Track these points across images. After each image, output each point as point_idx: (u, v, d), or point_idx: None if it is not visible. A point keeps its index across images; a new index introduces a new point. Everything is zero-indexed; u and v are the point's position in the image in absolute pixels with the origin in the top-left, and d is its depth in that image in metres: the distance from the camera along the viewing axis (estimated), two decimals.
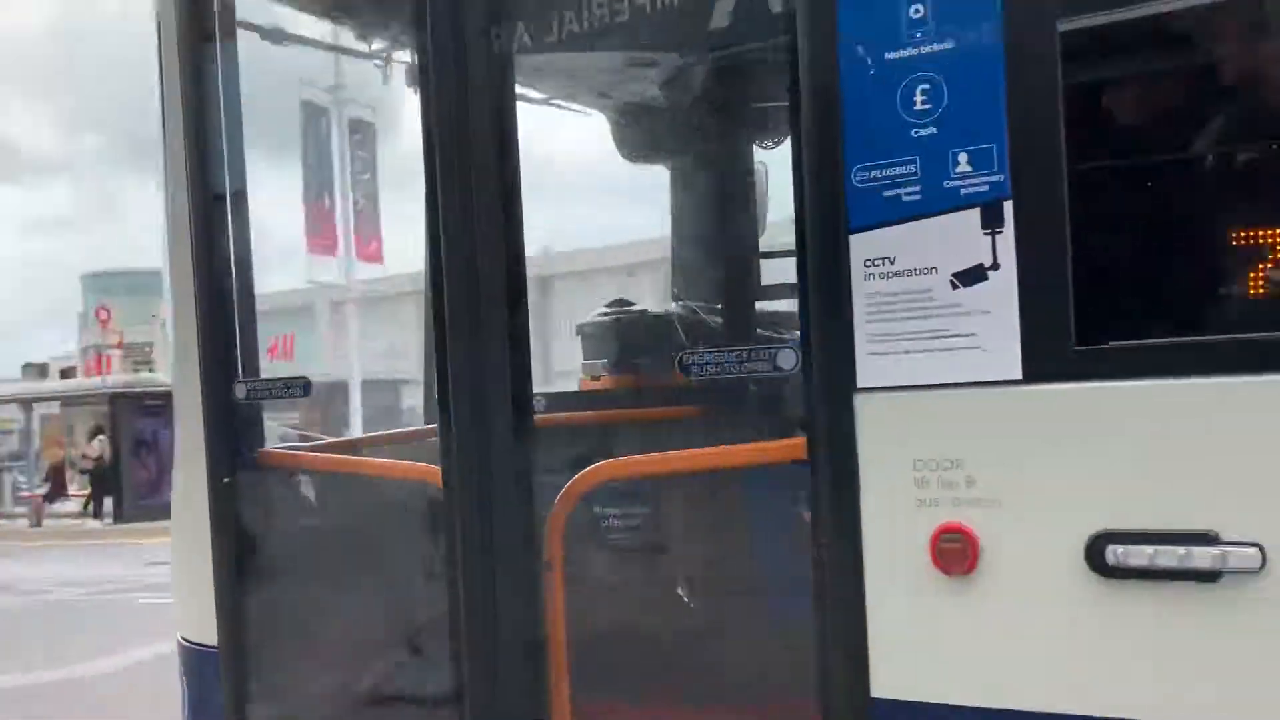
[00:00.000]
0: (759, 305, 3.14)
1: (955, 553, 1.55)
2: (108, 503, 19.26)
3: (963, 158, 1.54)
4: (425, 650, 2.19)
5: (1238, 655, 1.41)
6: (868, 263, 1.61)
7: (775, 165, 3.16)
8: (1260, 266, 1.50)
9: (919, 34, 1.56)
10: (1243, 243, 1.52)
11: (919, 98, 1.56)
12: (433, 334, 2.02)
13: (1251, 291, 1.51)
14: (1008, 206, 1.51)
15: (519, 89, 2.42)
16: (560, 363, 3.88)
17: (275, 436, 2.75)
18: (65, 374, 32.95)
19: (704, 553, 2.20)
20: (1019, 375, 1.51)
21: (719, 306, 3.14)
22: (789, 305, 2.61)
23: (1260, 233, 1.50)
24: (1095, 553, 1.46)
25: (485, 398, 1.98)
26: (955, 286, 1.55)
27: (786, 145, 1.94)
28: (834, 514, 1.65)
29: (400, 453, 2.78)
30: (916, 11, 1.56)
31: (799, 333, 1.71)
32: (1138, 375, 1.47)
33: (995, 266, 1.52)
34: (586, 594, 2.05)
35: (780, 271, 2.99)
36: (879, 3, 1.58)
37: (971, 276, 1.54)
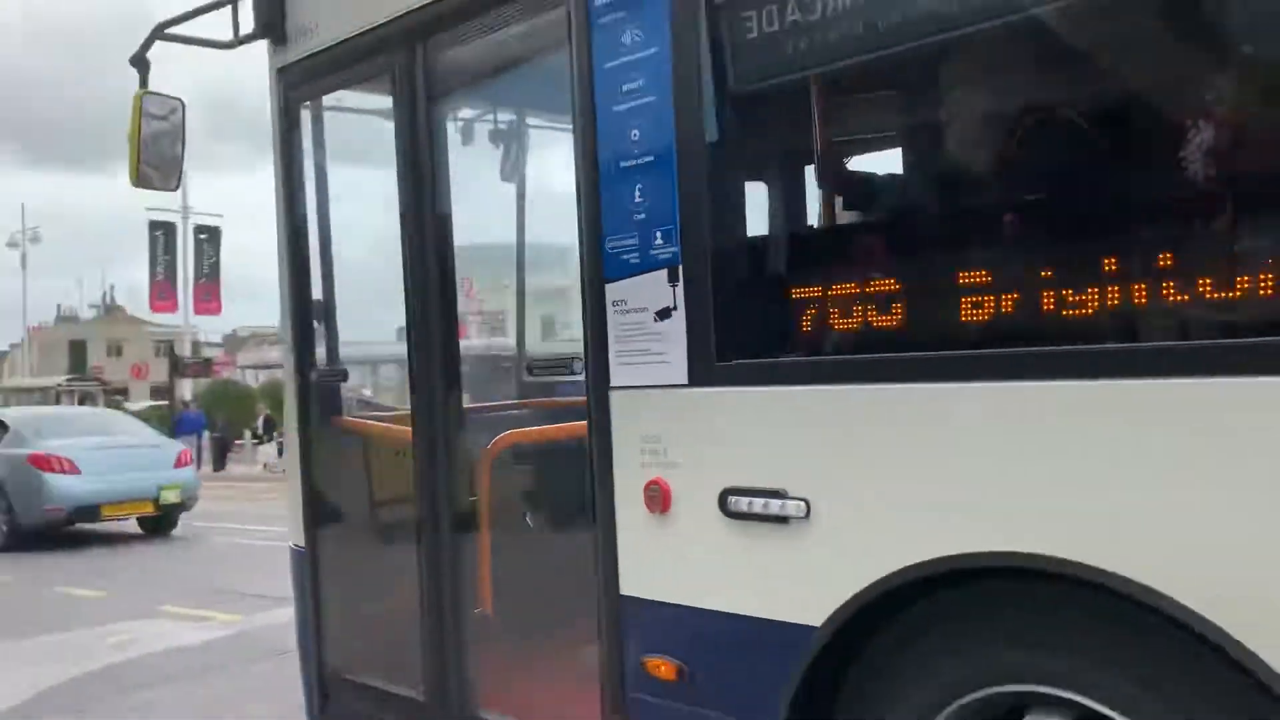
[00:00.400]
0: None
1: (656, 498, 2.34)
2: None
3: (658, 235, 2.32)
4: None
5: (801, 572, 2.11)
6: (614, 303, 2.42)
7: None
8: (809, 314, 2.18)
9: (637, 154, 2.35)
10: (803, 296, 2.21)
11: (637, 195, 2.36)
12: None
13: (807, 329, 2.19)
14: (680, 269, 2.28)
15: None
16: None
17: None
18: None
19: (544, 495, 3.09)
20: (685, 381, 2.28)
21: None
22: None
23: (817, 290, 2.18)
24: (723, 501, 2.22)
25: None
26: (656, 320, 2.34)
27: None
28: (600, 472, 2.48)
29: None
30: (634, 135, 2.35)
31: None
32: (751, 383, 2.20)
33: (675, 308, 2.30)
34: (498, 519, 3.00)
35: None
36: (618, 130, 2.38)
37: (664, 314, 2.32)
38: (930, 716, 1.98)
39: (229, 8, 3.43)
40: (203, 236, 28.96)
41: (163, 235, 28.24)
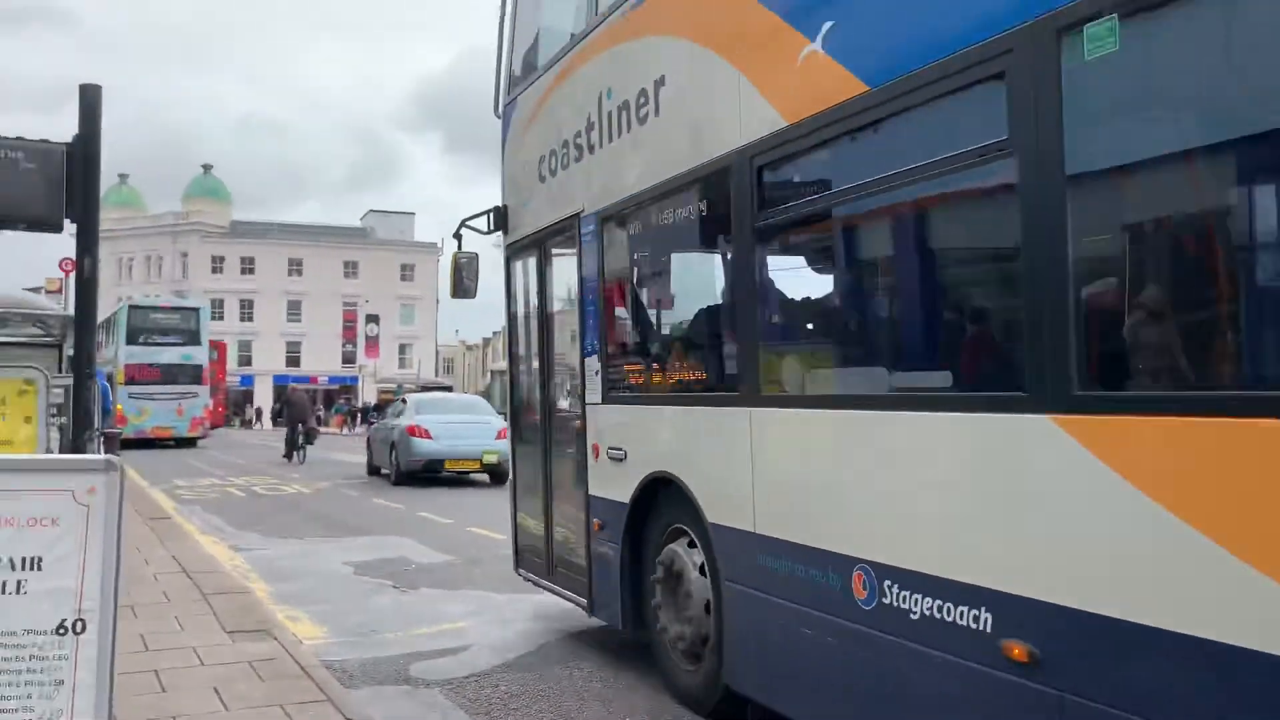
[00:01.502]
0: None
1: (594, 452, 5.77)
2: None
3: (592, 345, 5.77)
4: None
5: (624, 480, 5.43)
6: (585, 368, 5.90)
7: None
8: (629, 379, 5.50)
9: (583, 327, 5.81)
10: (627, 371, 5.55)
11: (585, 336, 5.83)
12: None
13: (628, 384, 5.55)
14: (596, 356, 5.71)
15: None
16: None
17: None
18: None
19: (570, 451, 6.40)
20: (600, 401, 5.69)
21: None
22: None
23: (632, 369, 5.50)
24: (609, 452, 5.61)
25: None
26: (594, 376, 5.80)
27: None
28: (581, 440, 5.95)
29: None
30: (589, 318, 5.81)
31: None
32: (617, 404, 5.60)
33: (597, 373, 5.73)
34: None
35: None
36: (591, 311, 5.85)
37: (595, 373, 5.79)
38: (658, 533, 5.21)
39: (488, 217, 7.22)
40: None
41: None
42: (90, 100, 4.17)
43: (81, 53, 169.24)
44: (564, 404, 6.46)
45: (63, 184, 4.13)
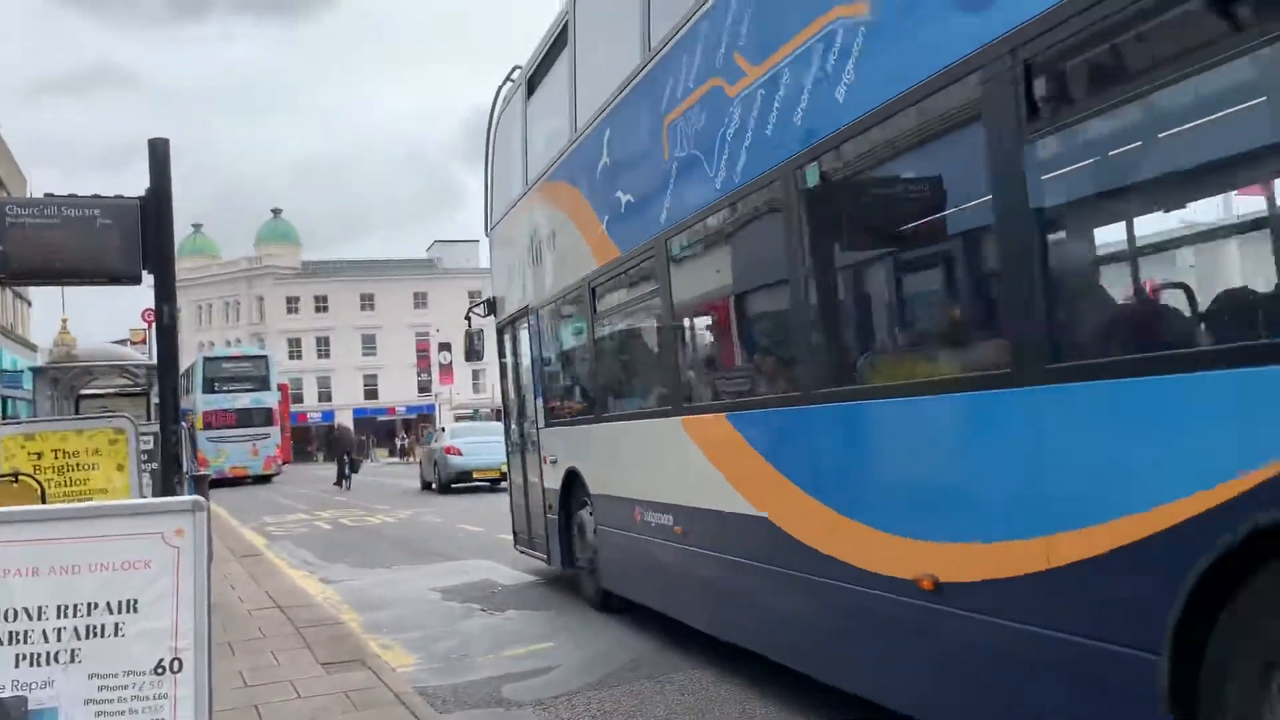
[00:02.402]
0: None
1: (547, 459, 8.76)
2: None
3: (540, 389, 8.16)
4: None
5: (555, 474, 8.42)
6: (540, 406, 8.93)
7: None
8: (559, 411, 8.19)
9: (528, 377, 7.82)
10: (560, 407, 8.70)
11: (536, 382, 8.02)
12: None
13: (558, 414, 8.73)
14: (542, 398, 8.90)
15: None
16: None
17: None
18: None
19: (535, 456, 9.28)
20: (544, 425, 8.93)
21: None
22: None
23: (560, 404, 8.66)
24: (550, 459, 8.71)
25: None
26: (538, 411, 8.81)
27: None
28: (537, 455, 8.89)
29: None
30: (534, 349, 8.69)
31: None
32: (552, 427, 8.82)
33: (542, 407, 8.44)
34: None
35: None
36: (541, 360, 8.67)
37: (542, 409, 8.19)
38: (580, 505, 8.25)
39: (485, 305, 10.66)
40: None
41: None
42: (159, 154, 4.31)
43: (145, 111, 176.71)
44: (530, 429, 9.61)
45: (138, 237, 4.26)
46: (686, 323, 6.34)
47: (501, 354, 10.44)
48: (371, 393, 71.79)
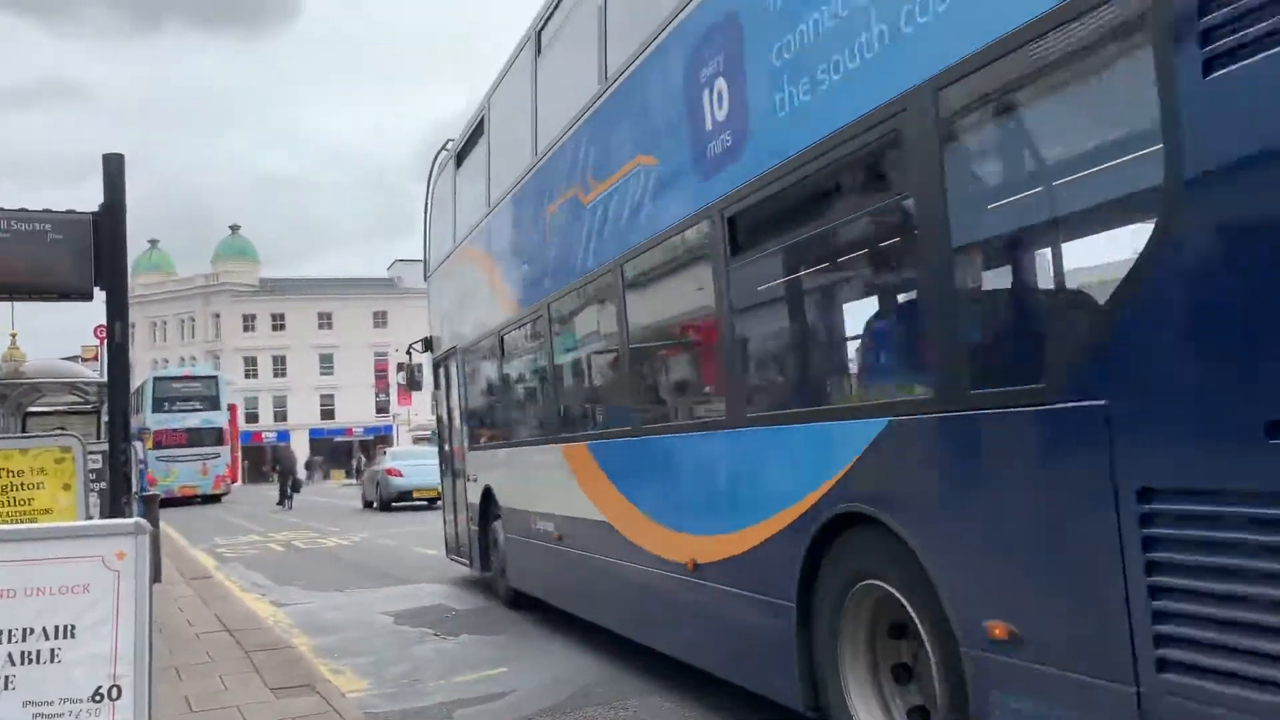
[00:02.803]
0: None
1: (471, 480, 10.64)
2: None
3: (474, 416, 10.27)
4: None
5: (475, 490, 10.08)
6: (465, 433, 10.68)
7: None
8: (483, 437, 9.41)
9: (466, 389, 9.81)
10: (488, 435, 10.33)
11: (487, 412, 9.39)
12: None
13: (482, 439, 9.92)
14: (467, 425, 10.79)
15: None
16: None
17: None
18: None
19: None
20: (469, 448, 10.67)
21: None
22: None
23: (488, 433, 10.18)
24: (474, 478, 10.51)
25: None
26: (469, 438, 10.15)
27: None
28: (464, 475, 9.99)
29: None
30: (460, 383, 10.18)
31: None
32: (478, 450, 10.58)
33: (470, 435, 9.18)
34: None
35: None
36: (457, 384, 10.73)
37: (467, 435, 9.30)
38: (494, 518, 9.89)
39: (423, 342, 12.42)
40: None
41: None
42: (114, 169, 4.24)
43: (99, 125, 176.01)
44: (459, 453, 11.31)
45: (91, 253, 4.16)
46: (564, 369, 8.01)
47: (436, 385, 12.09)
48: (329, 413, 72.36)
